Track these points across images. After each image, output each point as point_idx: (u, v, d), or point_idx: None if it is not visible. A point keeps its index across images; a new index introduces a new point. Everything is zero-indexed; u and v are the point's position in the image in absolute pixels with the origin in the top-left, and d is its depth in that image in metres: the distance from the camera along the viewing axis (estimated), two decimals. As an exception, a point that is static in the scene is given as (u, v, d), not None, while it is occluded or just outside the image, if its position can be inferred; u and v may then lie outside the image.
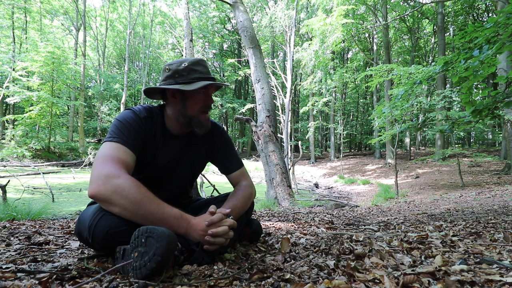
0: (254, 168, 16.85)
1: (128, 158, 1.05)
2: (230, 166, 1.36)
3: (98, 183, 0.95)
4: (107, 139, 1.08)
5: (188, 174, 1.34)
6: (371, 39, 20.81)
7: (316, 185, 11.39)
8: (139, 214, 0.94)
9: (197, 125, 1.21)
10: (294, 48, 13.62)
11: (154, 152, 1.21)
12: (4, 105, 18.33)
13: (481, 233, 1.58)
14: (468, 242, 1.35)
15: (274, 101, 9.04)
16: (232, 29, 27.46)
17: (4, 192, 4.16)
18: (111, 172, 0.97)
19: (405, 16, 16.71)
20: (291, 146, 15.93)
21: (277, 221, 2.39)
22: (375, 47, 19.56)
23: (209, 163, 1.44)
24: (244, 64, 23.97)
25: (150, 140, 1.19)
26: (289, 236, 1.56)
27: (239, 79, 25.25)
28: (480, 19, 17.61)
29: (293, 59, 13.36)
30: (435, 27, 18.43)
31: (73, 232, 1.63)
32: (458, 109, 18.82)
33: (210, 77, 1.19)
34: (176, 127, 1.23)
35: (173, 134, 1.25)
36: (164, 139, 1.23)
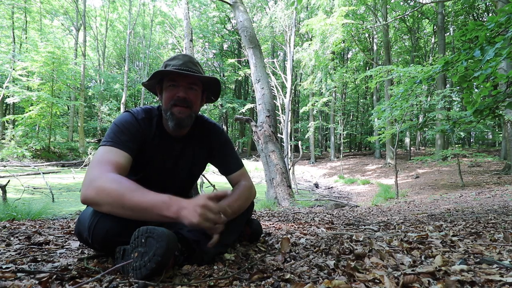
0: (254, 168, 16.85)
1: (119, 159, 1.05)
2: (230, 166, 1.35)
3: (84, 189, 0.96)
4: (101, 143, 1.10)
5: (187, 175, 1.34)
6: (371, 39, 20.80)
7: (316, 185, 11.38)
8: (126, 207, 0.91)
9: (170, 118, 1.17)
10: (294, 48, 13.61)
11: (152, 153, 1.21)
12: (4, 105, 18.33)
13: (481, 233, 1.58)
14: (468, 242, 1.35)
15: (274, 101, 9.04)
16: (232, 29, 27.44)
17: (4, 192, 4.16)
18: (93, 175, 0.97)
19: (405, 16, 16.70)
20: (291, 146, 15.92)
21: (277, 221, 2.39)
22: (375, 47, 19.55)
23: (209, 163, 1.44)
24: (244, 64, 23.95)
25: (149, 141, 1.19)
26: (289, 236, 1.56)
27: (239, 79, 25.25)
28: (480, 19, 17.60)
29: (293, 59, 13.35)
30: (435, 27, 18.43)
31: (73, 232, 1.63)
32: (458, 109, 18.83)
33: (180, 69, 1.14)
34: (167, 126, 1.22)
35: (171, 135, 1.24)
36: (163, 139, 1.23)
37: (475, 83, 2.46)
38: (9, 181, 4.53)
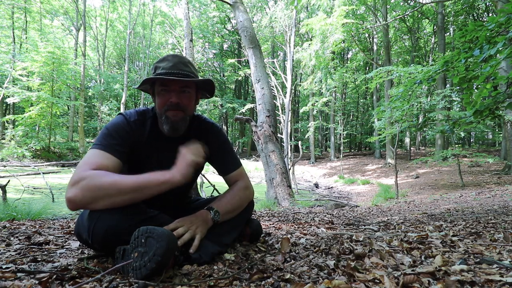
0: (254, 168, 16.85)
1: (105, 162, 1.04)
2: (228, 167, 1.34)
3: (70, 191, 0.94)
4: (90, 147, 1.10)
5: None
6: (371, 39, 20.80)
7: (316, 185, 11.38)
8: (124, 191, 0.95)
9: (164, 122, 1.17)
10: (294, 48, 13.61)
11: (148, 153, 1.20)
12: (4, 105, 18.33)
13: (481, 233, 1.58)
14: (468, 242, 1.35)
15: (274, 101, 9.04)
16: (232, 29, 27.43)
17: (4, 192, 4.15)
18: (77, 177, 0.95)
19: (405, 16, 16.70)
20: (291, 146, 15.91)
21: (277, 221, 2.39)
22: (375, 47, 19.54)
23: (207, 163, 1.43)
24: (244, 64, 23.93)
25: (143, 142, 1.18)
26: (289, 236, 1.56)
27: (239, 79, 25.22)
28: (480, 19, 17.59)
29: (293, 59, 13.35)
30: (435, 27, 18.42)
31: (73, 232, 1.63)
32: (458, 109, 18.82)
33: (170, 72, 1.13)
34: (163, 128, 1.21)
35: (167, 136, 1.22)
36: (158, 141, 1.22)
37: (475, 84, 2.46)
38: (9, 181, 4.53)
